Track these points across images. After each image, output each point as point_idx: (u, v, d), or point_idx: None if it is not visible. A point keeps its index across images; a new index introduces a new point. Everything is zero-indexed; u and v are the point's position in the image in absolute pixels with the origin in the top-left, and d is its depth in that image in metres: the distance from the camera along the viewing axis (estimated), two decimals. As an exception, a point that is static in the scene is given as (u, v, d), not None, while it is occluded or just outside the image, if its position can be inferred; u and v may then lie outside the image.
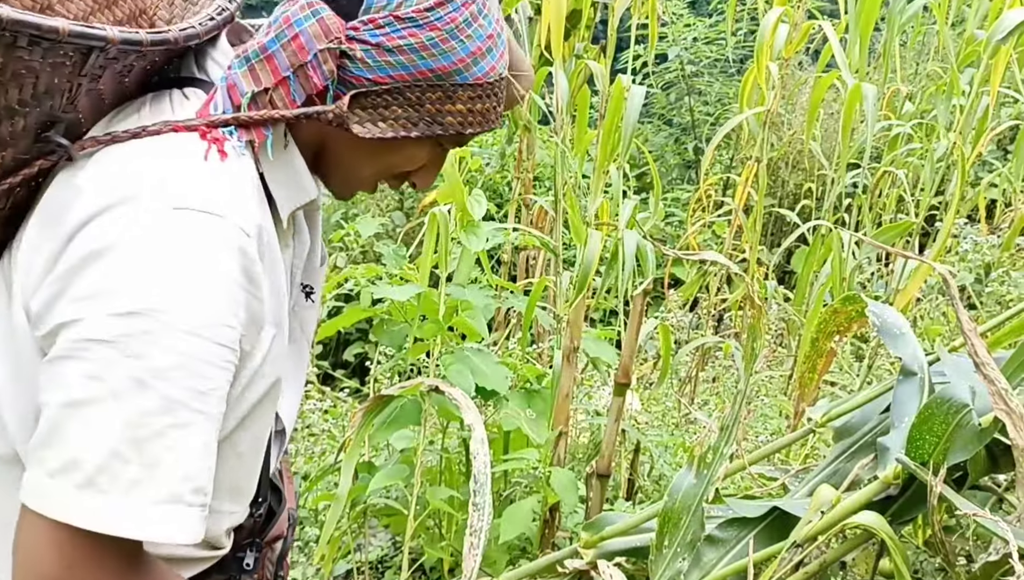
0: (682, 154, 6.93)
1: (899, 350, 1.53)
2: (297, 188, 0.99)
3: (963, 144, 2.58)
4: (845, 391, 2.99)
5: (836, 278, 2.70)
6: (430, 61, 0.93)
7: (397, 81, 0.93)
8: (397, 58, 0.92)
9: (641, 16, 2.73)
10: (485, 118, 1.00)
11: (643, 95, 2.38)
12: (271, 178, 0.96)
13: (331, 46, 0.91)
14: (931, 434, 1.34)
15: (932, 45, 4.29)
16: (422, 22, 0.92)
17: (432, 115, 0.96)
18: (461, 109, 0.97)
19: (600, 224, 2.43)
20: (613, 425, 2.04)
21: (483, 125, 1.00)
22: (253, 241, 0.86)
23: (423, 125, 0.96)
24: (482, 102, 0.98)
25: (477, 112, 0.99)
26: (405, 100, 0.95)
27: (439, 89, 0.95)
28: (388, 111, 0.95)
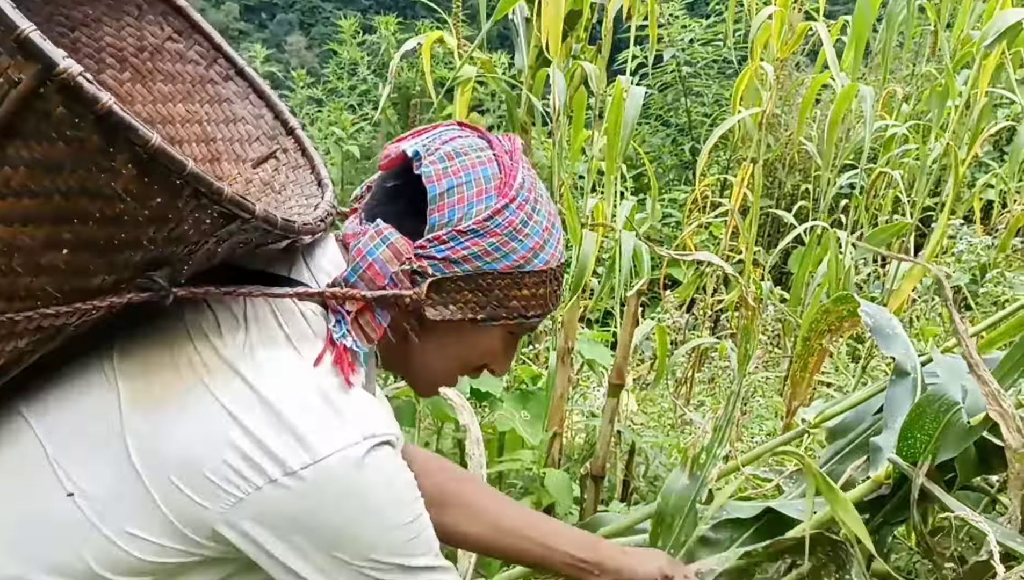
0: (679, 155, 6.94)
1: (892, 350, 1.53)
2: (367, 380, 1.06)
3: (957, 146, 2.58)
4: (841, 392, 2.99)
5: (832, 279, 2.70)
6: (494, 263, 1.01)
7: (469, 272, 1.01)
8: (463, 267, 1.00)
9: (639, 17, 2.73)
10: (547, 301, 1.07)
11: (642, 96, 2.39)
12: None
13: (403, 267, 0.99)
14: (922, 432, 1.34)
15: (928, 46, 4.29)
16: (483, 231, 0.99)
17: (499, 300, 1.03)
18: (526, 294, 1.04)
19: (596, 225, 2.43)
20: (608, 426, 2.04)
21: (544, 308, 1.07)
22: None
23: (490, 309, 1.03)
24: (545, 287, 1.05)
25: (540, 296, 1.05)
26: (476, 286, 1.01)
27: (508, 277, 1.02)
28: (459, 295, 1.01)
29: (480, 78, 2.42)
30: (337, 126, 6.28)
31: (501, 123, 5.17)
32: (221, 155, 1.14)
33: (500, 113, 5.83)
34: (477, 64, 2.36)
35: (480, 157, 1.01)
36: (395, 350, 1.06)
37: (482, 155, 1.02)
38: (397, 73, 6.67)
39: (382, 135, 6.83)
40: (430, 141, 1.02)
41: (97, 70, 1.14)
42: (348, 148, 6.06)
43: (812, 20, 3.35)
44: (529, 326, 1.09)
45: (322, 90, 7.45)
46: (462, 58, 2.28)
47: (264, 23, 26.71)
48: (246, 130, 1.15)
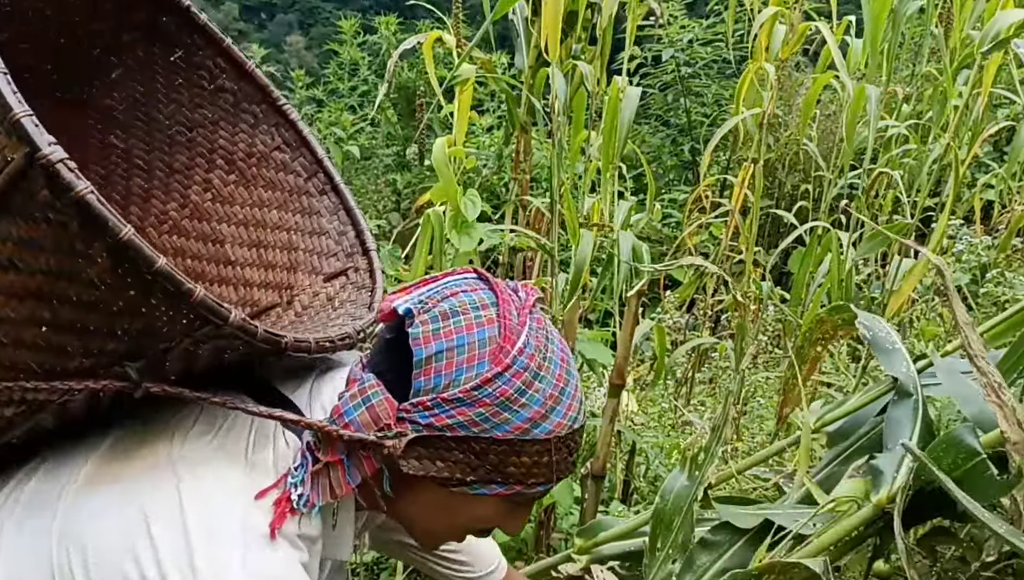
0: (679, 155, 6.93)
1: (891, 367, 1.51)
2: (339, 545, 1.03)
3: (957, 146, 2.58)
4: (841, 392, 2.99)
5: (834, 279, 2.70)
6: (482, 434, 0.93)
7: (459, 434, 0.93)
8: (449, 434, 0.93)
9: (637, 18, 2.73)
10: (552, 470, 0.97)
11: (639, 96, 2.39)
12: (324, 527, 0.99)
13: (382, 434, 0.92)
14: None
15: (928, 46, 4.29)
16: (470, 401, 0.92)
17: (495, 465, 0.95)
18: (527, 462, 0.95)
19: (595, 225, 2.43)
20: (608, 426, 2.04)
21: (548, 477, 0.98)
22: None
23: (482, 473, 0.95)
24: (550, 455, 0.96)
25: (544, 464, 0.96)
26: (468, 448, 0.94)
27: (505, 444, 0.94)
28: (449, 454, 0.94)
29: (480, 78, 2.42)
30: (337, 126, 6.28)
31: (501, 123, 5.17)
32: (299, 265, 1.19)
33: (500, 113, 5.83)
34: (477, 64, 2.35)
35: (479, 318, 0.94)
36: (389, 503, 1.01)
37: (482, 315, 0.94)
38: (397, 73, 6.67)
39: (382, 135, 6.83)
40: (429, 295, 0.96)
41: (207, 169, 1.22)
42: (348, 148, 6.06)
43: (811, 20, 3.36)
44: (531, 496, 0.99)
45: (323, 91, 7.45)
46: (459, 54, 2.28)
47: (263, 23, 26.73)
48: (327, 244, 1.19)
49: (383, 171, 6.44)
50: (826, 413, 1.64)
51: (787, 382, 1.87)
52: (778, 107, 4.61)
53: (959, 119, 2.69)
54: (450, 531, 1.04)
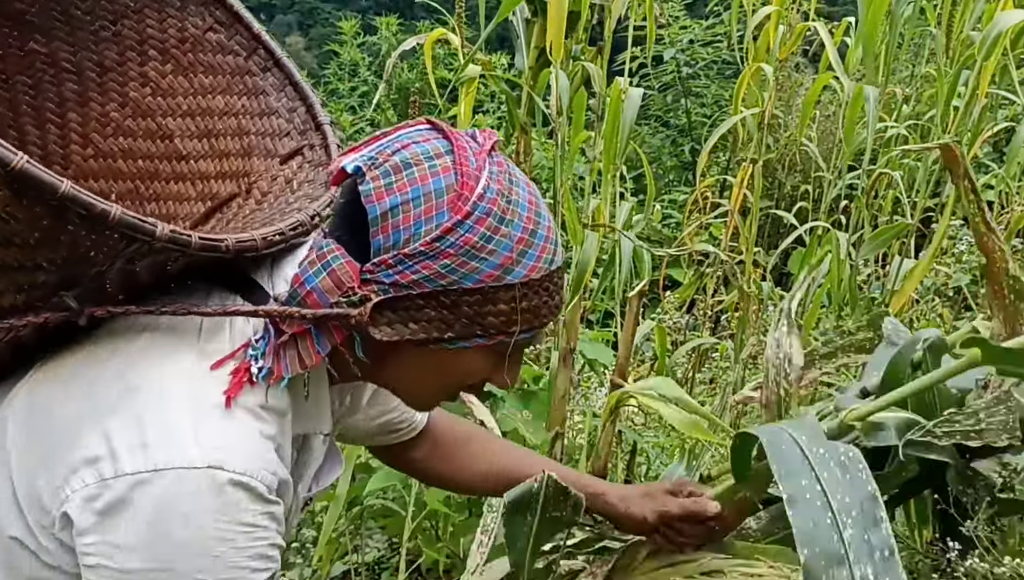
0: (679, 156, 6.94)
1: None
2: (315, 417, 1.00)
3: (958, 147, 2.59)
4: (840, 392, 3.00)
5: (834, 279, 2.71)
6: (451, 287, 0.89)
7: (426, 290, 0.89)
8: (415, 290, 0.89)
9: (638, 18, 2.74)
10: (535, 314, 0.93)
11: (640, 97, 2.39)
12: (295, 411, 0.96)
13: (345, 298, 0.89)
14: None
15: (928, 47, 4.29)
16: (433, 253, 0.88)
17: (471, 317, 0.91)
18: (504, 310, 0.91)
19: (596, 225, 2.43)
20: (609, 426, 2.04)
21: (533, 322, 0.94)
22: (272, 486, 0.88)
23: (460, 327, 0.91)
24: (528, 300, 0.92)
25: (524, 310, 0.92)
26: (439, 303, 0.90)
27: (477, 293, 0.90)
28: (420, 313, 0.90)
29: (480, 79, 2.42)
30: (337, 127, 6.27)
31: (501, 124, 5.18)
32: (253, 149, 1.12)
33: (500, 114, 5.84)
34: (478, 64, 2.36)
35: (434, 167, 0.89)
36: (369, 370, 0.98)
37: (436, 164, 0.89)
38: (397, 74, 6.67)
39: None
40: (380, 151, 0.90)
41: (140, 62, 1.15)
42: (348, 149, 6.05)
43: (810, 20, 3.36)
44: (521, 343, 0.96)
45: (323, 91, 7.46)
46: (464, 58, 2.28)
47: (263, 24, 26.71)
48: (279, 124, 1.13)
49: (383, 172, 6.44)
50: (823, 408, 1.64)
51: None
52: (777, 108, 4.62)
53: (959, 120, 2.70)
54: (441, 391, 1.01)
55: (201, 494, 0.83)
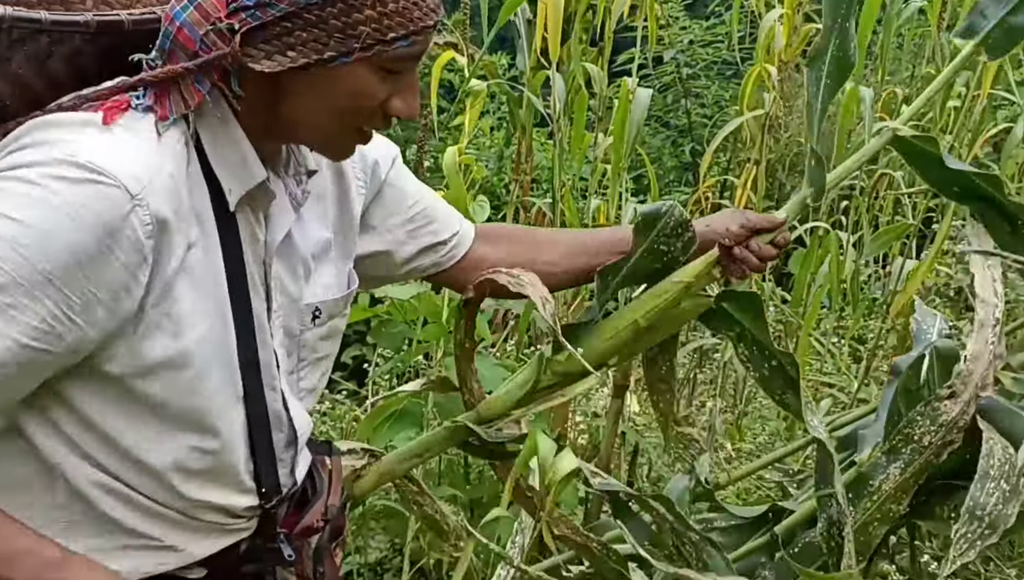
0: (679, 156, 6.94)
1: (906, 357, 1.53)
2: (241, 166, 0.99)
3: (958, 147, 2.59)
4: (843, 393, 3.00)
5: (834, 280, 2.71)
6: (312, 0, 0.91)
7: (290, 7, 0.91)
8: (279, 7, 0.91)
9: (638, 19, 2.74)
10: (405, 17, 0.94)
11: (648, 98, 2.39)
12: (216, 161, 0.97)
13: (214, 28, 0.91)
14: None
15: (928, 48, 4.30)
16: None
17: (341, 29, 0.92)
18: (372, 15, 0.92)
19: (599, 226, 2.44)
20: (612, 427, 2.05)
21: (406, 25, 0.94)
22: (137, 204, 0.88)
23: (335, 43, 0.92)
24: (394, 1, 0.93)
25: (392, 12, 0.93)
26: (305, 21, 0.91)
27: (339, 2, 0.91)
28: (292, 38, 0.92)
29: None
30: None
31: (502, 124, 5.17)
32: None
33: (500, 114, 5.83)
34: (480, 68, 2.37)
35: None
36: (269, 120, 0.99)
37: None
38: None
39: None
40: None
41: None
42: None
43: (812, 22, 3.36)
44: (397, 56, 0.95)
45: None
46: (470, 69, 2.28)
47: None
48: None
49: (383, 172, 6.43)
50: (837, 418, 1.65)
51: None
52: (779, 108, 4.62)
53: (959, 121, 2.70)
54: (341, 121, 1.00)
55: (44, 165, 0.87)
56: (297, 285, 1.10)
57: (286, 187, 1.08)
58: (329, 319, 1.16)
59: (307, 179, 1.11)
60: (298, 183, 1.10)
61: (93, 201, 0.86)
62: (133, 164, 0.89)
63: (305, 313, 1.11)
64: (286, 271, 1.08)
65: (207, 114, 0.97)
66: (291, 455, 1.13)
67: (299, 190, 1.10)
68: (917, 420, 1.31)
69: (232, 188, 0.99)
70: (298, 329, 1.11)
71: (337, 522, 1.22)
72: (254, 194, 1.02)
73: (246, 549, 1.10)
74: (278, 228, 1.06)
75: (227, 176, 0.98)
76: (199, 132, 0.97)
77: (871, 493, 1.33)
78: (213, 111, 0.96)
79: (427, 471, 2.19)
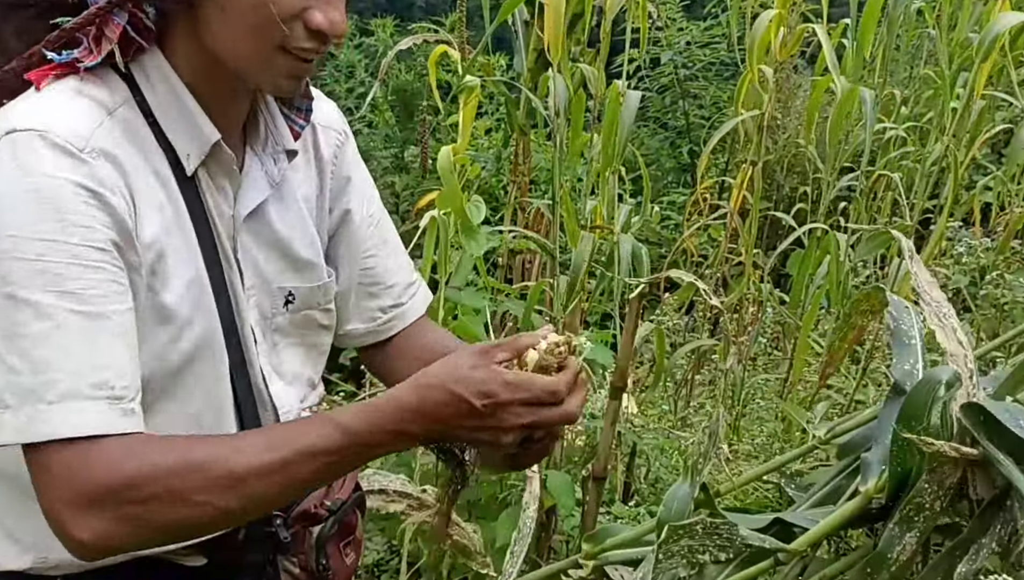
0: (678, 157, 6.93)
1: (899, 362, 1.52)
2: (191, 126, 1.00)
3: (956, 148, 2.59)
4: (841, 394, 3.00)
5: (832, 281, 2.71)
6: None
7: None
8: None
9: (635, 20, 2.74)
10: None
11: (639, 99, 2.39)
12: (167, 125, 0.99)
13: None
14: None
15: (927, 49, 4.30)
16: None
17: None
18: None
19: (595, 227, 2.43)
20: (609, 428, 2.04)
21: None
22: (90, 149, 0.90)
23: None
24: None
25: None
26: None
27: None
28: None
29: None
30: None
31: (500, 125, 5.17)
32: None
33: (498, 116, 5.83)
34: (477, 67, 2.36)
35: None
36: (203, 64, 0.98)
37: None
38: (395, 75, 6.67)
39: (380, 137, 6.82)
40: None
41: None
42: (346, 151, 6.04)
43: (809, 22, 3.36)
44: None
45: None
46: (464, 65, 2.28)
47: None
48: None
49: (381, 173, 6.43)
50: (838, 424, 1.65)
51: (831, 346, 1.92)
52: (776, 109, 4.62)
53: (957, 122, 2.70)
54: (256, 36, 0.96)
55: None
56: (270, 264, 1.09)
57: (262, 164, 1.08)
58: (305, 308, 1.15)
59: (285, 158, 1.10)
60: (275, 161, 1.09)
61: (43, 153, 0.89)
62: (69, 118, 0.92)
63: (277, 296, 1.11)
64: (258, 247, 1.08)
65: (150, 75, 0.98)
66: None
67: (276, 169, 1.09)
68: (925, 488, 1.33)
69: (190, 152, 1.00)
70: (270, 311, 1.11)
71: (346, 519, 1.20)
72: (217, 159, 1.02)
73: (245, 536, 1.08)
74: (248, 201, 1.06)
75: (181, 141, 0.99)
76: (146, 100, 0.98)
77: (889, 565, 1.35)
78: (154, 75, 0.98)
79: (425, 472, 2.18)
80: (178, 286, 0.98)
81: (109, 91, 0.96)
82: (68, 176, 0.89)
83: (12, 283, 0.86)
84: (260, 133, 1.09)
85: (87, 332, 0.88)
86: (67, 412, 0.86)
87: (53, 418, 0.86)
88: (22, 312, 0.86)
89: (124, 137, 0.95)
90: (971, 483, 1.37)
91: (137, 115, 0.98)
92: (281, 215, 1.10)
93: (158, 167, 0.98)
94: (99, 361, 0.88)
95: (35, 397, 0.86)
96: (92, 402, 0.87)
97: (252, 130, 1.09)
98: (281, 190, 1.11)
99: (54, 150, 0.89)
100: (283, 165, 1.10)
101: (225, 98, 1.03)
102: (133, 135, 0.97)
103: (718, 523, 1.36)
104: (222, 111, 1.02)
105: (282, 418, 1.12)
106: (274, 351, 1.13)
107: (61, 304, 0.86)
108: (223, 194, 1.04)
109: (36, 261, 0.86)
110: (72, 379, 0.87)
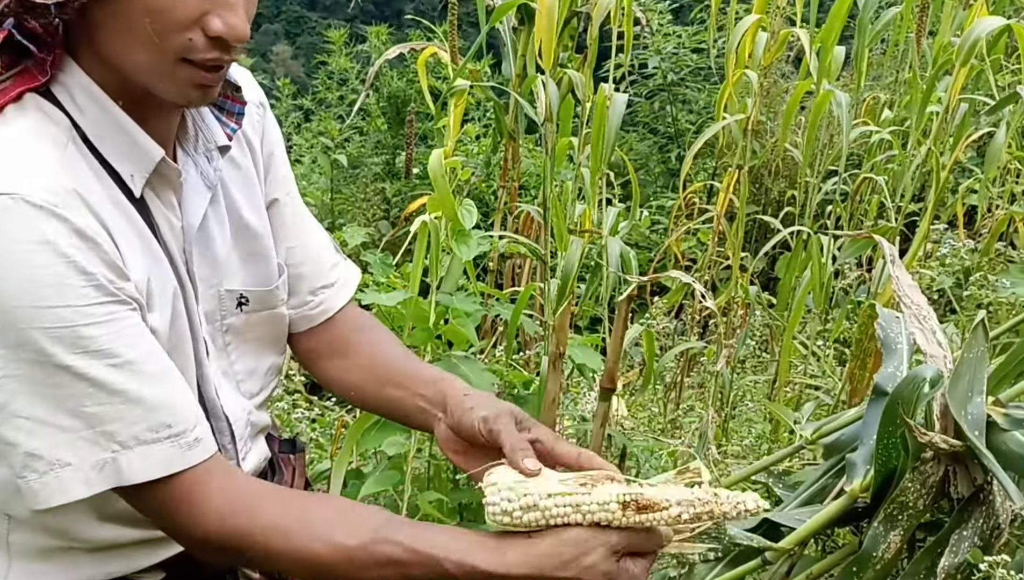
0: (667, 162, 6.97)
1: (885, 365, 1.56)
2: (131, 146, 0.96)
3: (938, 151, 2.63)
4: (828, 394, 3.03)
5: (815, 283, 2.74)
6: None
7: None
8: None
9: (622, 25, 2.76)
10: None
11: (625, 103, 2.41)
12: (105, 149, 0.95)
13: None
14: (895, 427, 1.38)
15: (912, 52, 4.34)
16: None
17: None
18: None
19: (583, 231, 2.45)
20: (599, 430, 2.07)
21: None
22: (67, 199, 0.87)
23: None
24: None
25: None
26: None
27: None
28: None
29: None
30: (326, 136, 6.29)
31: (488, 131, 5.20)
32: None
33: (487, 121, 5.86)
34: (466, 73, 2.38)
35: None
36: (113, 76, 0.93)
37: None
38: (387, 82, 6.69)
39: (370, 144, 6.84)
40: None
41: None
42: (336, 157, 6.08)
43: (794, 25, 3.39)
44: None
45: (311, 100, 7.46)
46: (454, 69, 2.30)
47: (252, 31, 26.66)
48: None
49: (372, 180, 6.45)
50: (824, 425, 1.68)
51: (852, 373, 1.96)
52: (763, 113, 4.65)
53: (939, 125, 2.74)
54: (152, 47, 0.89)
55: None
56: (214, 269, 1.07)
57: (196, 165, 1.05)
58: (264, 309, 1.13)
59: (218, 156, 1.06)
60: (209, 160, 1.06)
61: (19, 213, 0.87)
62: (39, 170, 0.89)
63: (227, 299, 1.09)
64: (202, 256, 1.05)
65: (75, 96, 0.93)
66: (234, 447, 1.11)
67: (211, 168, 1.05)
68: (909, 487, 1.37)
69: (134, 173, 0.96)
70: (219, 314, 1.09)
71: None
72: (161, 174, 0.98)
73: None
74: (194, 209, 1.04)
75: (123, 163, 0.95)
76: (80, 126, 0.93)
77: (874, 562, 1.39)
78: (80, 96, 0.93)
79: (416, 476, 2.20)
80: (162, 306, 0.98)
81: (52, 121, 0.92)
82: (54, 239, 0.86)
83: (38, 351, 0.85)
84: (189, 131, 1.05)
85: (128, 382, 0.89)
86: (133, 458, 0.90)
87: (127, 465, 0.90)
88: (59, 376, 0.86)
89: (80, 169, 0.92)
90: (952, 481, 1.41)
91: (79, 141, 0.94)
92: (220, 216, 1.08)
93: (111, 192, 0.95)
94: (150, 404, 0.90)
95: (100, 448, 0.88)
96: (157, 445, 0.90)
97: (180, 130, 1.04)
98: (218, 192, 1.07)
99: (37, 213, 0.85)
100: (217, 164, 1.06)
101: (156, 108, 0.97)
102: (89, 163, 0.93)
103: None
104: (155, 125, 0.98)
105: (234, 426, 1.11)
106: (224, 354, 1.11)
107: (94, 363, 0.87)
108: (170, 208, 1.02)
109: (51, 329, 0.85)
110: (130, 429, 0.89)
